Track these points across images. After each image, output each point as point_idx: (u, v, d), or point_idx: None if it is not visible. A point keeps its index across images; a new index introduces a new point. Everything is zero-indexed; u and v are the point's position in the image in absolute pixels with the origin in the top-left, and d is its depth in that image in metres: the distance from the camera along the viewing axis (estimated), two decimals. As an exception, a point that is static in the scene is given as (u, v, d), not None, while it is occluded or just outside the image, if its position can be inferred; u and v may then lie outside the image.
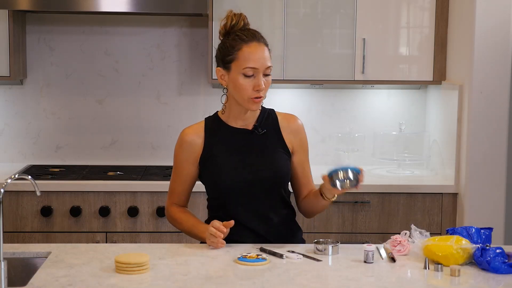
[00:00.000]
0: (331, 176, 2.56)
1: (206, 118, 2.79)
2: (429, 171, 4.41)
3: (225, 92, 2.70)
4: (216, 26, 4.09)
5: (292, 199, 2.83)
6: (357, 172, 2.53)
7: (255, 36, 2.65)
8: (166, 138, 4.50)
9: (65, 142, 4.49)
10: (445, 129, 4.20)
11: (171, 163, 4.40)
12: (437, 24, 4.22)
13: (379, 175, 4.29)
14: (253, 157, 2.70)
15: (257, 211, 2.69)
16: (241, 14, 2.69)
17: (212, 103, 4.47)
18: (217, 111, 2.80)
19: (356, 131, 4.47)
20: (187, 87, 4.50)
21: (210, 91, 4.49)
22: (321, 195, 2.66)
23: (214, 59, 4.06)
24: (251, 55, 2.61)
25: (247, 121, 2.73)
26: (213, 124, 2.75)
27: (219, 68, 2.69)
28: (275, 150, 2.72)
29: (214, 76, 4.15)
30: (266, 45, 2.67)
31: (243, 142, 2.71)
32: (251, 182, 2.67)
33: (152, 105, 4.50)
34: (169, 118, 4.51)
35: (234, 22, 2.67)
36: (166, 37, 4.47)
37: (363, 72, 4.20)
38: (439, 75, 4.24)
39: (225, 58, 2.66)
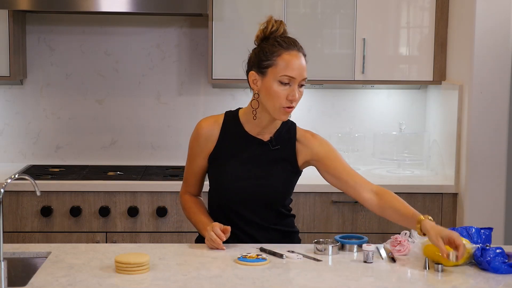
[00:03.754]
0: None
1: (226, 113, 2.72)
2: (429, 171, 4.41)
3: (255, 97, 2.61)
4: (217, 26, 4.13)
5: (296, 202, 2.82)
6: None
7: (295, 45, 2.58)
8: (166, 138, 4.51)
9: (65, 142, 4.49)
10: (445, 129, 4.20)
11: (171, 163, 4.46)
12: (437, 24, 4.22)
13: (379, 175, 4.29)
14: (259, 170, 2.66)
15: (253, 221, 2.69)
16: (281, 21, 2.62)
17: (212, 103, 4.47)
18: (239, 108, 2.72)
19: (356, 131, 4.47)
20: (187, 87, 4.50)
21: (210, 91, 4.49)
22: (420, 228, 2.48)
23: (214, 59, 4.12)
24: (291, 63, 2.53)
25: (265, 129, 2.67)
26: (231, 124, 2.69)
27: (252, 72, 2.59)
28: (282, 167, 2.67)
29: (214, 76, 4.16)
30: (304, 55, 2.60)
31: (254, 153, 2.67)
32: (251, 194, 2.65)
33: (152, 105, 4.50)
34: (169, 118, 4.51)
35: (274, 28, 2.60)
36: (166, 37, 4.47)
37: (363, 72, 4.20)
38: (439, 75, 4.24)
39: (262, 63, 2.57)
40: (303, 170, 2.76)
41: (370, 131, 4.50)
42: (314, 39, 4.22)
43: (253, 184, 2.65)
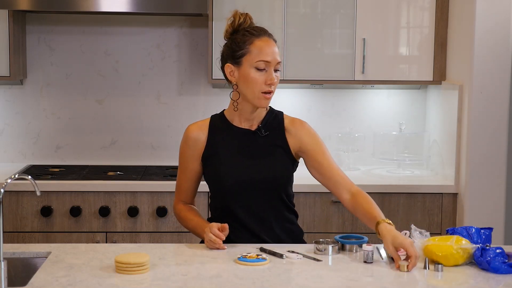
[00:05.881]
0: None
1: (212, 116, 2.79)
2: (429, 171, 4.41)
3: (235, 89, 2.68)
4: (217, 26, 4.12)
5: (296, 202, 2.83)
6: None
7: (265, 32, 2.67)
8: (166, 138, 4.50)
9: (65, 142, 4.49)
10: (445, 129, 4.20)
11: (171, 163, 4.45)
12: (437, 24, 4.22)
13: (379, 175, 4.29)
14: (254, 158, 2.69)
15: (257, 213, 2.69)
16: (247, 13, 2.71)
17: (212, 103, 4.47)
18: (224, 110, 2.79)
19: (356, 131, 4.47)
20: (187, 87, 4.50)
21: (210, 91, 4.49)
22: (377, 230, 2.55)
23: (214, 59, 4.11)
24: (264, 48, 2.61)
25: (252, 121, 2.72)
26: (218, 122, 2.75)
27: (228, 64, 2.66)
28: (276, 152, 2.70)
29: (214, 76, 4.15)
30: (275, 41, 2.68)
31: (245, 143, 2.70)
32: (251, 183, 2.66)
33: (152, 105, 4.50)
34: (169, 118, 4.51)
35: (241, 20, 2.68)
36: (166, 37, 4.47)
37: (363, 72, 4.20)
38: (439, 75, 4.24)
39: (236, 53, 2.64)
40: (304, 168, 2.77)
41: (370, 131, 4.50)
42: (314, 39, 4.22)
43: (250, 172, 2.66)
